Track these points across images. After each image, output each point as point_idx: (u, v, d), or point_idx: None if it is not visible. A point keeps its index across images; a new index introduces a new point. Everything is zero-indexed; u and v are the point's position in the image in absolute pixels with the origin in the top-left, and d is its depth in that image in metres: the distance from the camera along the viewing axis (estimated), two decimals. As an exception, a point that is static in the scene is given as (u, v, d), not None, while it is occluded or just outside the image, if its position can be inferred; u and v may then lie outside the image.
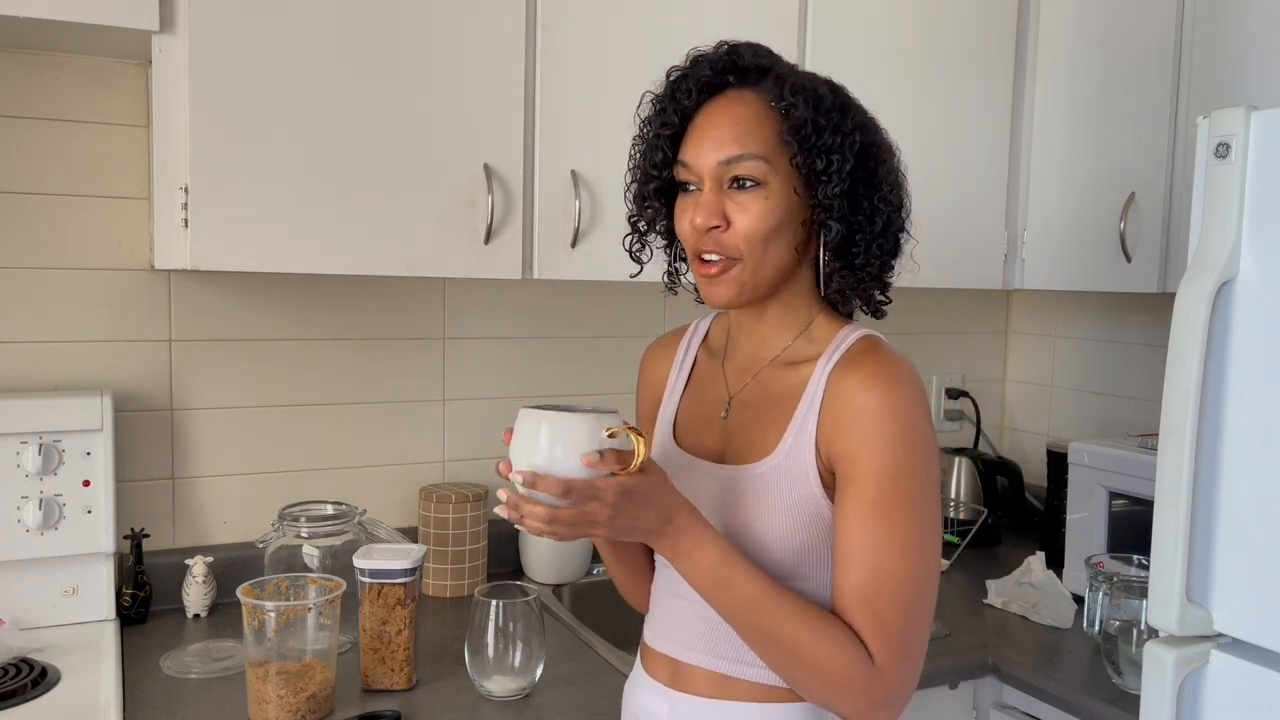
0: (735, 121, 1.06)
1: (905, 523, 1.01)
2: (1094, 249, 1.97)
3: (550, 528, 0.94)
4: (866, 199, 1.07)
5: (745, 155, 1.04)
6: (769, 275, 1.08)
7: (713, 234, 1.06)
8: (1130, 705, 1.45)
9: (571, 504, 0.93)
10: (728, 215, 1.05)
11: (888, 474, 1.01)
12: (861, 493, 1.02)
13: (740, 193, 1.05)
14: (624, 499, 0.94)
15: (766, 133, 1.05)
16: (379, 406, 1.95)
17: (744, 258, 1.06)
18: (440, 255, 1.61)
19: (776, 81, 1.06)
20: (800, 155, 1.04)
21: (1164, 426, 1.24)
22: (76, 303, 1.71)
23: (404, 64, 1.56)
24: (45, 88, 1.67)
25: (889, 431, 1.01)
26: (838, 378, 1.06)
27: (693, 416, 1.20)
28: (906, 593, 1.00)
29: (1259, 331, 1.20)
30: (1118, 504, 1.91)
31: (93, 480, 1.63)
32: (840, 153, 1.04)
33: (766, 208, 1.05)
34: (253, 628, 1.34)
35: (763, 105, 1.06)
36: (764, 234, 1.05)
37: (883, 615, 1.00)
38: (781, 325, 1.14)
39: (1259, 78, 1.67)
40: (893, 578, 1.00)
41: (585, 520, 0.94)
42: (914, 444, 1.02)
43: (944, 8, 2.00)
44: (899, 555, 1.00)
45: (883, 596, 1.00)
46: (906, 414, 1.02)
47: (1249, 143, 1.21)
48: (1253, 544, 1.21)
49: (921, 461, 1.02)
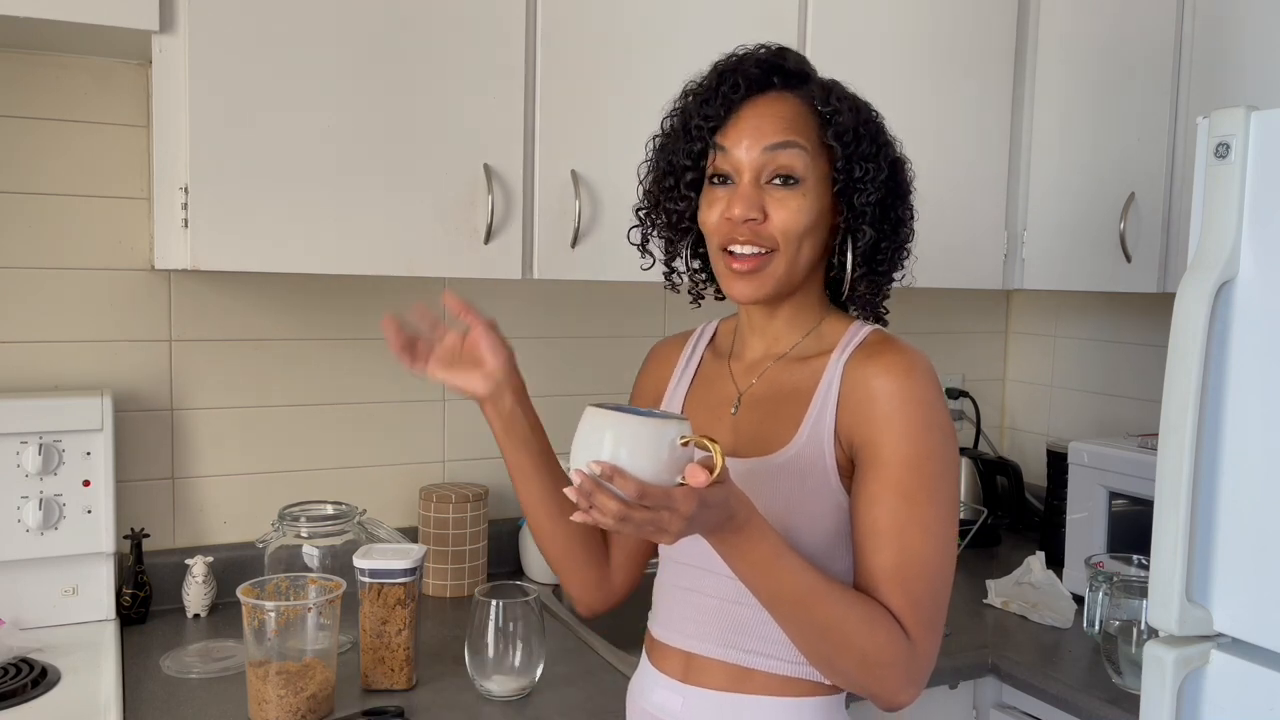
0: (781, 116, 1.09)
1: (930, 505, 1.04)
2: (1094, 249, 1.97)
3: (619, 525, 0.90)
4: (894, 209, 1.13)
5: (791, 143, 1.07)
6: (800, 272, 1.11)
7: (749, 225, 1.08)
8: (1130, 705, 1.45)
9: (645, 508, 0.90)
10: (765, 209, 1.08)
11: (912, 459, 1.04)
12: (886, 478, 1.04)
13: (779, 189, 1.08)
14: (699, 509, 0.92)
15: (810, 132, 1.09)
16: (379, 406, 1.95)
17: (781, 251, 1.09)
18: (440, 255, 1.61)
19: (821, 88, 1.11)
20: (842, 159, 1.08)
21: (1164, 426, 1.24)
22: (76, 303, 1.72)
23: (404, 64, 1.56)
24: (46, 88, 1.67)
25: (911, 418, 1.05)
26: (854, 368, 1.09)
27: (700, 414, 1.21)
28: (932, 571, 1.04)
29: (1259, 331, 1.20)
30: (1118, 504, 1.91)
31: (93, 480, 1.63)
32: (876, 162, 1.09)
33: (804, 204, 1.08)
34: (253, 628, 1.34)
35: (807, 107, 1.10)
36: (800, 230, 1.08)
37: (914, 593, 1.03)
38: (794, 323, 1.17)
39: (1259, 78, 1.67)
40: (920, 557, 1.04)
41: (656, 525, 0.91)
42: (934, 430, 1.05)
43: (944, 8, 2.00)
44: (924, 536, 1.04)
45: (912, 575, 1.03)
46: (926, 399, 1.06)
47: (1249, 143, 1.21)
48: (1253, 544, 1.21)
49: (942, 446, 1.06)
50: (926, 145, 2.00)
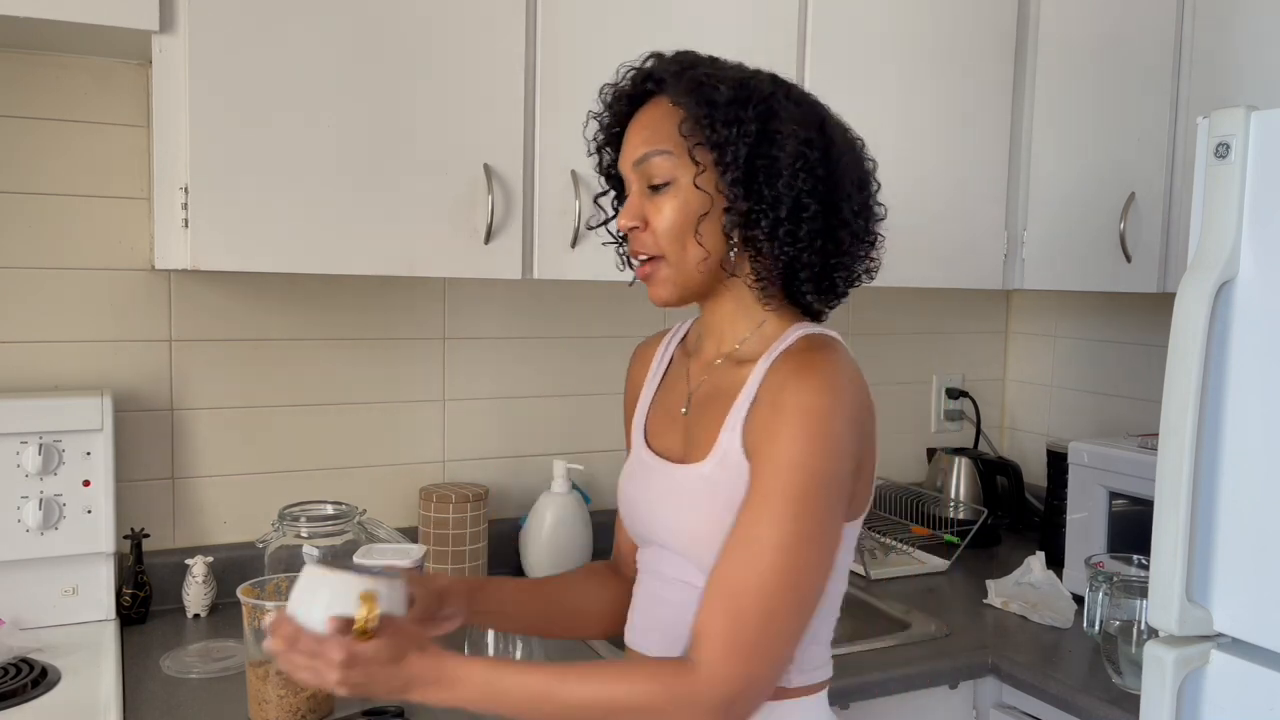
0: (645, 125, 1.11)
1: (792, 519, 0.98)
2: (1094, 249, 1.97)
3: (283, 665, 0.98)
4: (768, 186, 1.06)
5: (652, 153, 1.09)
6: (697, 272, 1.10)
7: (634, 234, 1.11)
8: (1130, 705, 1.45)
9: (301, 651, 0.96)
10: (646, 217, 1.10)
11: (784, 466, 0.99)
12: (757, 483, 1.01)
13: (655, 195, 1.10)
14: (352, 660, 0.95)
15: (671, 129, 1.08)
16: (379, 406, 1.95)
17: (666, 256, 1.10)
18: (440, 255, 1.61)
19: (675, 79, 1.09)
20: (693, 148, 1.06)
21: (1164, 426, 1.24)
22: (76, 303, 1.71)
23: (404, 64, 1.56)
24: (46, 88, 1.67)
25: (796, 424, 1.00)
26: (771, 374, 1.07)
27: (661, 416, 1.21)
28: (772, 589, 0.97)
29: (1259, 331, 1.20)
30: (1118, 504, 1.91)
31: (93, 480, 1.63)
32: (736, 144, 1.05)
33: (676, 205, 1.08)
34: (253, 628, 1.34)
35: (668, 105, 1.10)
36: (676, 231, 1.08)
37: (740, 610, 0.98)
38: (734, 321, 1.15)
39: (1259, 78, 1.67)
40: (759, 571, 0.98)
41: (313, 670, 0.96)
42: (818, 443, 1.00)
43: (944, 8, 2.00)
44: (774, 551, 0.98)
45: (745, 590, 0.98)
46: (820, 412, 1.00)
47: (1249, 143, 1.21)
48: (1253, 544, 1.21)
49: (822, 463, 0.99)
50: (927, 145, 2.00)
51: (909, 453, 2.53)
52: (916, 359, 2.53)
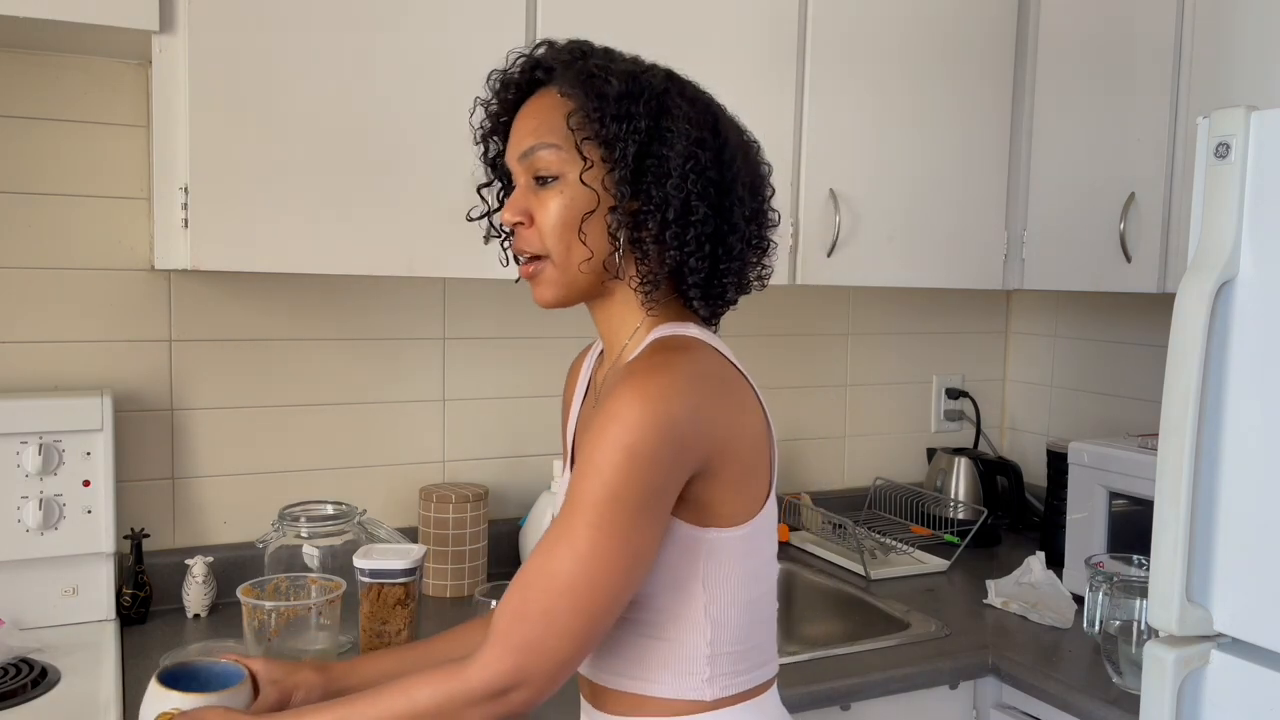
0: (532, 116, 1.05)
1: (585, 527, 0.95)
2: (1094, 249, 1.97)
3: None
4: (657, 186, 1.01)
5: (539, 145, 1.03)
6: (582, 272, 1.05)
7: (518, 230, 1.06)
8: (1130, 705, 1.45)
9: None
10: (532, 212, 1.04)
11: (585, 474, 0.96)
12: (569, 490, 0.98)
13: (542, 189, 1.04)
14: None
15: (559, 122, 1.03)
16: (379, 406, 1.95)
17: (550, 255, 1.04)
18: (440, 255, 1.61)
19: (564, 69, 1.05)
20: (581, 142, 1.01)
21: (1164, 426, 1.24)
22: (76, 303, 1.71)
23: (404, 63, 1.56)
24: (45, 88, 1.67)
25: (600, 432, 0.95)
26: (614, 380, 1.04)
27: (582, 431, 1.16)
28: (560, 589, 0.95)
29: (1259, 331, 1.20)
30: (1118, 504, 1.91)
31: (93, 480, 1.63)
32: (626, 140, 1.00)
33: (562, 201, 1.03)
34: (253, 628, 1.34)
35: (556, 96, 1.04)
36: (561, 229, 1.03)
37: (526, 607, 0.96)
38: (624, 324, 1.10)
39: (1259, 78, 1.67)
40: (552, 575, 0.95)
41: None
42: (619, 454, 0.94)
43: (944, 8, 2.00)
44: (565, 557, 0.95)
45: (535, 587, 0.96)
46: (624, 419, 0.94)
47: (1249, 143, 1.21)
48: (1253, 544, 1.21)
49: (620, 470, 0.94)
50: (927, 145, 2.00)
51: (909, 453, 2.53)
52: (916, 359, 2.53)
